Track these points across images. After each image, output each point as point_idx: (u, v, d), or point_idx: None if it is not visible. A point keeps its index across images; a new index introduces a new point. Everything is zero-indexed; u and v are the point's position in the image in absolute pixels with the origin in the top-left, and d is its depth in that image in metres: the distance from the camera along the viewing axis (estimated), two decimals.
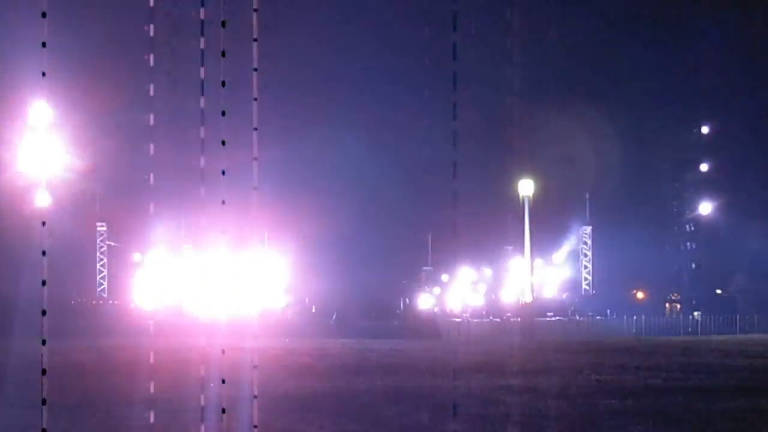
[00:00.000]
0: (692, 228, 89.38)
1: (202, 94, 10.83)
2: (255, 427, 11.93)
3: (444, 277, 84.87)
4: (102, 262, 79.43)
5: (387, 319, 75.91)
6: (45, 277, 9.93)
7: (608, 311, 79.37)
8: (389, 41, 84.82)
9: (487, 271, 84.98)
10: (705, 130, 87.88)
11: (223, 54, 10.65)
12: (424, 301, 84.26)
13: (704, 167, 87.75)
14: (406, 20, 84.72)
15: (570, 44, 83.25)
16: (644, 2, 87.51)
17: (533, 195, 71.00)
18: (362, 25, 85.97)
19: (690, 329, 73.24)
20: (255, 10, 10.76)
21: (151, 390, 14.61)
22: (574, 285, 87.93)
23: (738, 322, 73.60)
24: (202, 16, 10.92)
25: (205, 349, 12.29)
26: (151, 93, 12.90)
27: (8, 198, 62.35)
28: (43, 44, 9.74)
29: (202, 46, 10.83)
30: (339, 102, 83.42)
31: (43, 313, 10.02)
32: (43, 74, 9.92)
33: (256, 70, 10.67)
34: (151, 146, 12.63)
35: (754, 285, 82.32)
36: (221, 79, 10.78)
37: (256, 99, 10.73)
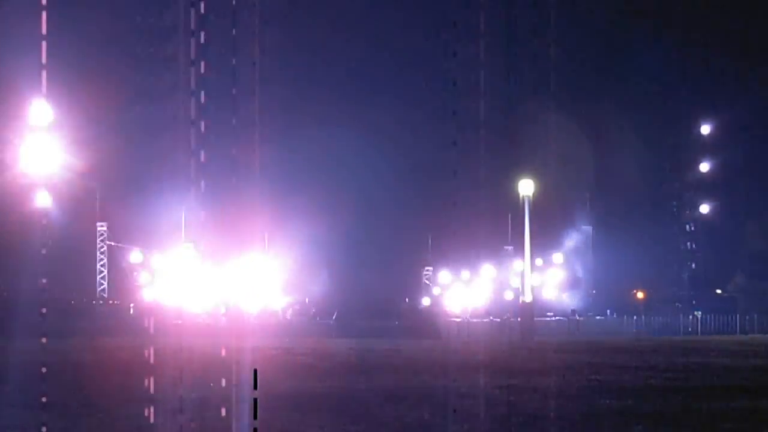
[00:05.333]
0: (692, 228, 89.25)
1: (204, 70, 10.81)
2: (255, 429, 11.97)
3: (444, 277, 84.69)
4: (102, 262, 79.31)
5: (387, 319, 75.75)
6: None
7: (608, 311, 79.34)
8: (389, 41, 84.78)
9: (487, 271, 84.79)
10: (705, 130, 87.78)
11: (228, 66, 10.65)
12: (425, 301, 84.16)
13: (704, 167, 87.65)
14: (406, 20, 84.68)
15: (570, 43, 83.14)
16: (645, 1, 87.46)
17: (533, 195, 70.87)
18: (362, 24, 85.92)
19: (690, 329, 73.25)
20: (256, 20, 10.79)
21: (151, 390, 14.63)
22: (574, 285, 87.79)
23: (738, 322, 73.59)
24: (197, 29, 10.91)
25: (205, 349, 12.31)
26: (151, 126, 12.83)
27: (8, 198, 62.32)
28: (42, 40, 9.73)
29: (203, 63, 10.81)
30: (339, 101, 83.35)
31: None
32: (42, 70, 9.91)
33: (257, 89, 10.69)
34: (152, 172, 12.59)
35: (754, 285, 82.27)
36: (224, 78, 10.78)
37: (257, 117, 10.76)
